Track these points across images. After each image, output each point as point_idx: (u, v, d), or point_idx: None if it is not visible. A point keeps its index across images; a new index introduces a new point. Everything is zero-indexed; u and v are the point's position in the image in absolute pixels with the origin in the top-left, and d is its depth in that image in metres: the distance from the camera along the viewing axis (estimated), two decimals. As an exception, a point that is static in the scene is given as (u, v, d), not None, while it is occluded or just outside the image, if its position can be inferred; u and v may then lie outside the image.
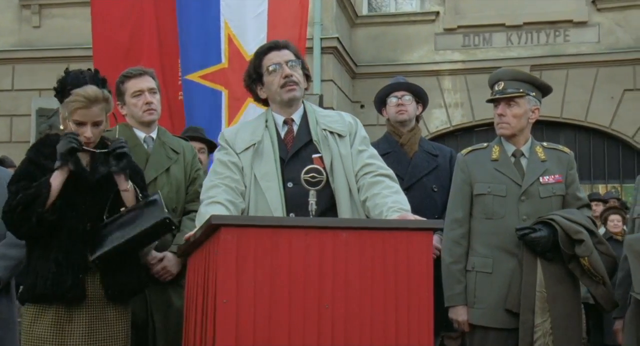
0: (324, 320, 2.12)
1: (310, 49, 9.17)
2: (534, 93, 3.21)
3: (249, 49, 5.62)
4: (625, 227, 5.89)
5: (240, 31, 5.60)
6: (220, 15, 5.62)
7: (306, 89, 2.89)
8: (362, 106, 11.11)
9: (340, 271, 2.15)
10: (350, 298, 2.15)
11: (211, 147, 4.51)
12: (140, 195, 2.81)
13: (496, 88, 3.23)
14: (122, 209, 2.77)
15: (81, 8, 9.88)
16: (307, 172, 2.36)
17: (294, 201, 2.64)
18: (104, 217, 2.74)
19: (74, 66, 10.58)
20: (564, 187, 3.20)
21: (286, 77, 2.74)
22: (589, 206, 3.28)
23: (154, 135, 3.36)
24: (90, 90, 2.69)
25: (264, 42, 5.64)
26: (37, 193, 2.62)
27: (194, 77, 5.41)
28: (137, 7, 5.50)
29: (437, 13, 11.39)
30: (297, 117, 2.82)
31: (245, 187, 2.70)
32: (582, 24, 11.00)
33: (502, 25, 11.11)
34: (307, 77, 2.86)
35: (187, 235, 2.38)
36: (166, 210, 2.74)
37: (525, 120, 3.21)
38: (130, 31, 5.43)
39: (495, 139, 3.33)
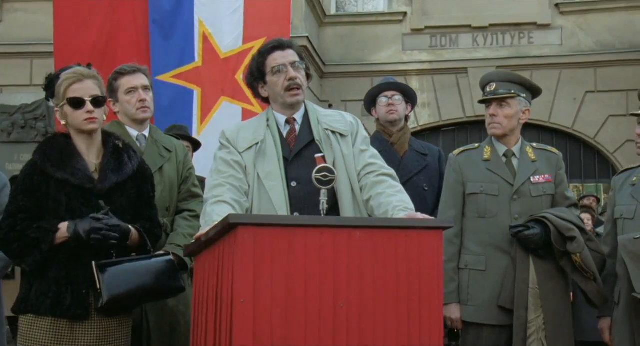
0: (339, 319, 2.13)
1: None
2: (524, 95, 3.28)
3: (224, 47, 5.64)
4: (595, 227, 6.02)
5: (215, 29, 5.59)
6: (194, 14, 5.60)
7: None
8: (330, 105, 11.13)
9: (355, 270, 2.16)
10: (364, 297, 2.16)
11: (195, 145, 4.48)
12: (149, 246, 2.73)
13: (488, 89, 3.29)
14: (133, 254, 2.68)
15: (44, 3, 9.64)
16: (318, 171, 2.36)
17: (298, 200, 2.65)
18: (112, 253, 2.61)
19: (37, 62, 10.34)
20: (554, 186, 3.27)
21: (290, 79, 2.73)
22: (576, 205, 3.36)
23: (146, 133, 3.33)
24: (79, 68, 2.69)
25: (240, 38, 5.66)
26: (35, 242, 2.52)
27: (166, 77, 5.38)
28: (104, 6, 5.43)
29: (405, 14, 11.51)
30: (298, 116, 2.82)
31: (249, 186, 2.69)
32: (545, 26, 11.25)
33: (469, 26, 11.29)
34: (308, 76, 2.87)
35: (197, 234, 2.35)
36: (182, 279, 2.79)
37: (516, 121, 3.27)
38: (99, 30, 5.35)
39: (485, 140, 3.39)
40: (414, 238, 2.25)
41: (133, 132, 3.27)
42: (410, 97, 3.93)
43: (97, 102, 2.64)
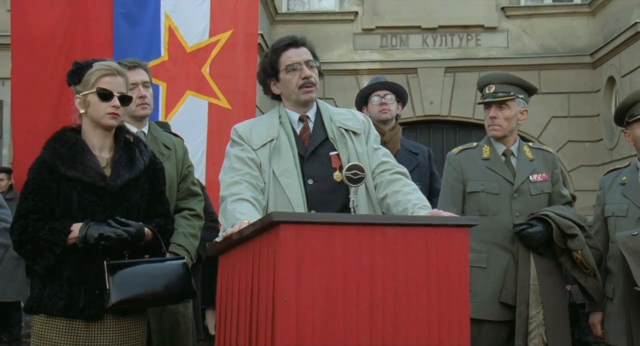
0: (376, 316, 2.13)
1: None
2: (522, 96, 3.37)
3: (190, 40, 5.59)
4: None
5: (181, 22, 5.55)
6: (161, 7, 5.52)
7: None
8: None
9: (389, 268, 2.17)
10: (398, 295, 2.17)
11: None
12: (164, 249, 2.67)
13: (487, 91, 3.36)
14: (147, 256, 2.62)
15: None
16: (349, 169, 2.37)
17: (315, 198, 2.64)
18: (124, 254, 2.55)
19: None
20: (550, 184, 3.37)
21: (305, 78, 2.72)
22: (571, 203, 3.46)
23: (145, 130, 3.25)
24: (113, 63, 2.64)
25: (207, 31, 5.62)
26: (48, 244, 2.44)
27: None
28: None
29: (356, 13, 11.60)
30: (311, 114, 2.81)
31: (264, 183, 2.67)
32: (492, 29, 11.56)
33: (419, 27, 11.48)
34: (320, 74, 2.86)
35: (227, 233, 2.31)
36: (194, 283, 2.70)
37: (515, 122, 3.36)
38: (57, 22, 5.21)
39: (484, 139, 3.46)
40: (443, 236, 2.27)
41: (132, 129, 3.15)
42: (402, 97, 3.98)
43: (124, 100, 2.59)
